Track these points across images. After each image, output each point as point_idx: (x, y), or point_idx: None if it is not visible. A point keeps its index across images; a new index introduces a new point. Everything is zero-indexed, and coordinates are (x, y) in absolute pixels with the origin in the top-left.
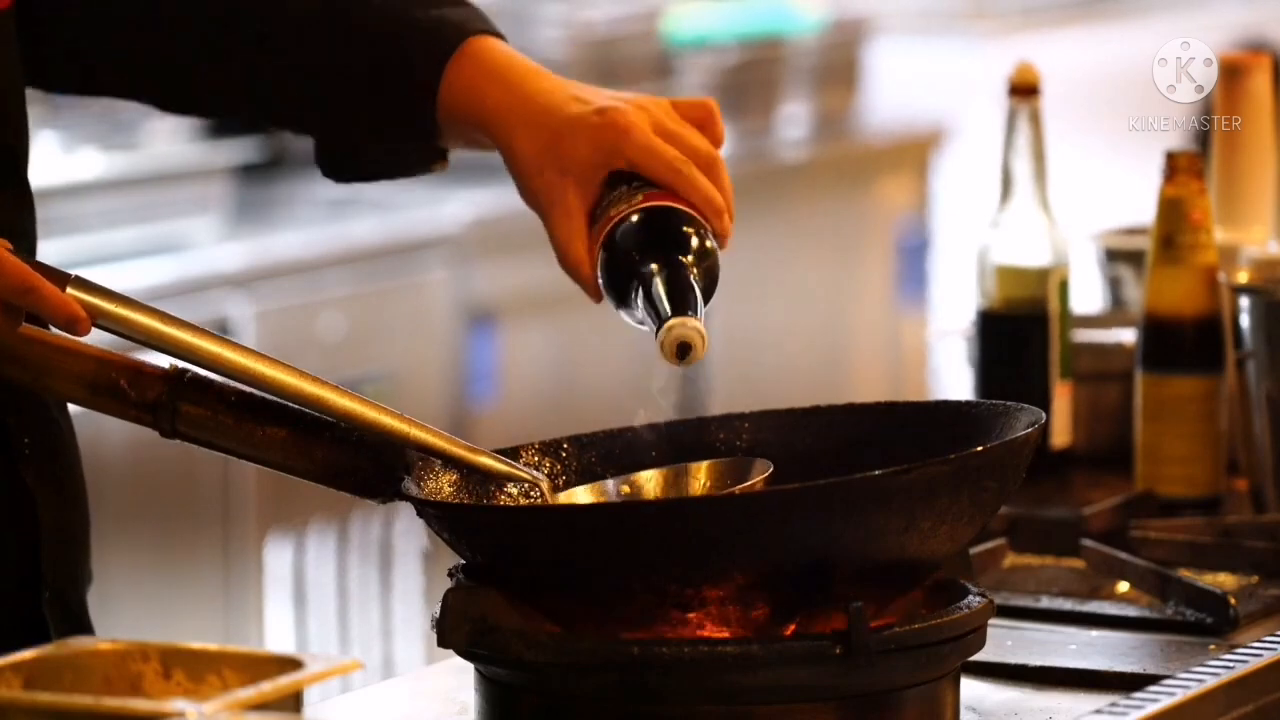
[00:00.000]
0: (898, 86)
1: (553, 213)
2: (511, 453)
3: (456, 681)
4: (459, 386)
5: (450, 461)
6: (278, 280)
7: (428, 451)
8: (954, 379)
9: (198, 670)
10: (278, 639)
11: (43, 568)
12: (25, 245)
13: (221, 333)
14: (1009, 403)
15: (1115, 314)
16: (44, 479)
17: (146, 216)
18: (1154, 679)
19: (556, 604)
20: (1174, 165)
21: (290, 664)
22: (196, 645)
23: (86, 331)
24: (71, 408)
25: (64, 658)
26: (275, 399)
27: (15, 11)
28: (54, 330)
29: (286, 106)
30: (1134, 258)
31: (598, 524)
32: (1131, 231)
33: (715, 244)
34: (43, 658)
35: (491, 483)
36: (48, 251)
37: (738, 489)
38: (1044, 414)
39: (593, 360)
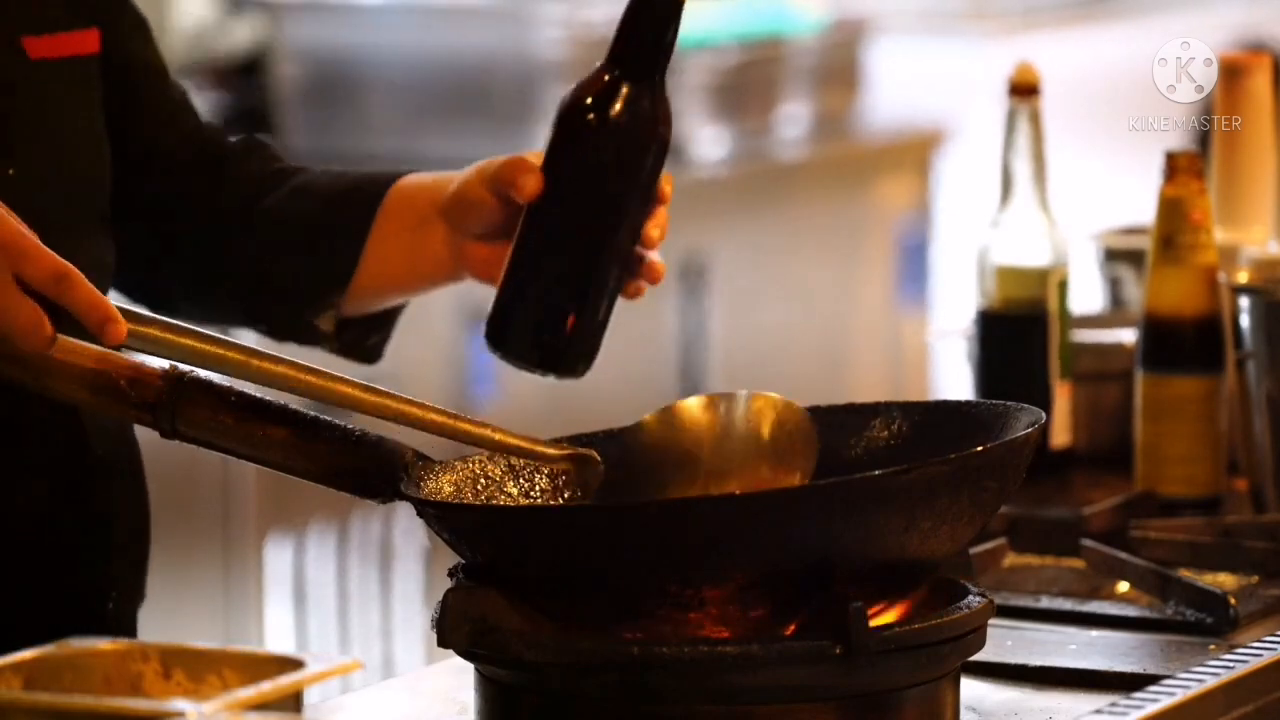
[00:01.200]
0: (898, 86)
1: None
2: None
3: (456, 681)
4: (459, 386)
5: (508, 452)
6: None
7: (484, 445)
8: (954, 379)
9: (198, 670)
10: (278, 639)
11: (107, 582)
12: (104, 276)
13: (223, 334)
14: (1009, 403)
15: (1115, 314)
16: (122, 496)
17: None
18: (1154, 679)
19: (556, 604)
20: (1174, 165)
21: (290, 664)
22: (196, 645)
23: (121, 337)
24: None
25: (64, 658)
26: (275, 401)
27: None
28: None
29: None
30: (1134, 258)
31: (598, 524)
32: (1131, 231)
33: None
34: (43, 658)
35: (546, 467)
36: None
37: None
38: (1044, 414)
39: None
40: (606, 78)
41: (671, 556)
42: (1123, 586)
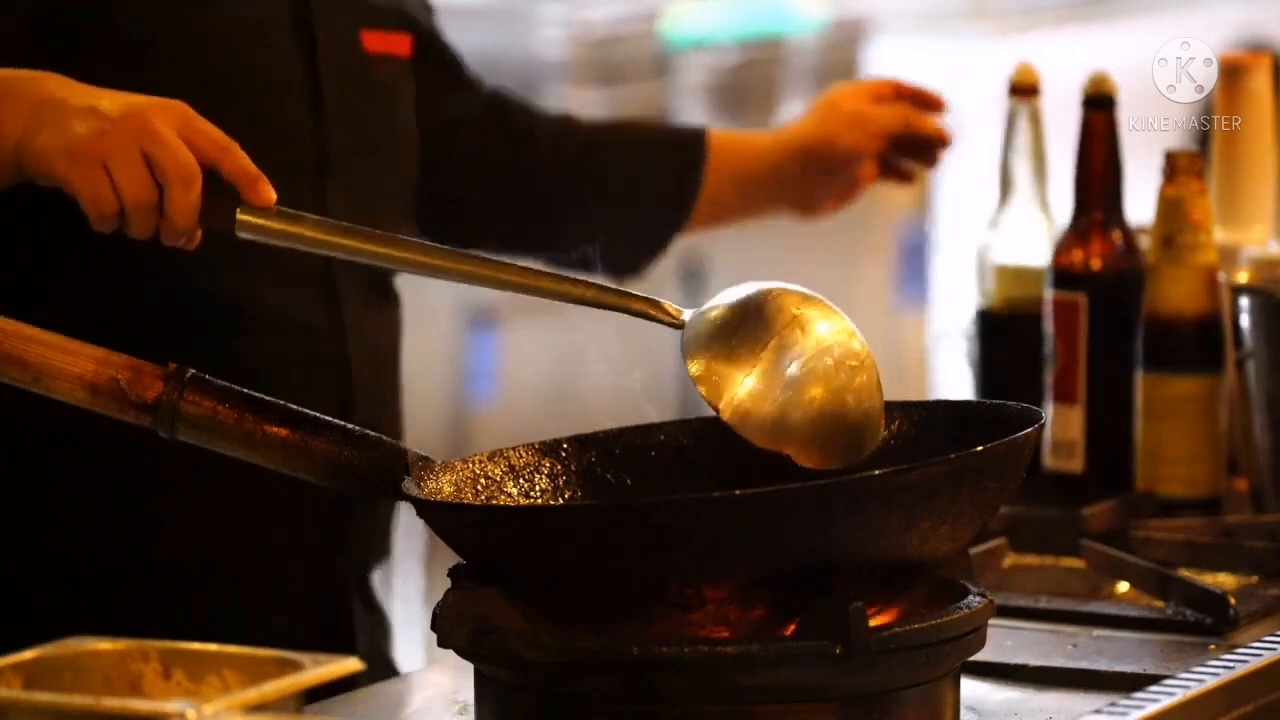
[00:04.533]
0: None
1: None
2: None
3: (456, 682)
4: (459, 386)
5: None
6: None
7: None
8: (954, 379)
9: (198, 670)
10: None
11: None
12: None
13: (355, 226)
14: (1009, 403)
15: None
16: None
17: None
18: (1154, 679)
19: (556, 604)
20: (1174, 165)
21: (290, 664)
22: (196, 645)
23: (270, 198)
24: None
25: (64, 658)
26: (275, 401)
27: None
28: (53, 335)
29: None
30: None
31: (598, 524)
32: None
33: None
34: (43, 658)
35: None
36: None
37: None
38: (1044, 414)
39: (593, 360)
40: (1101, 220)
41: (671, 556)
42: (1123, 586)
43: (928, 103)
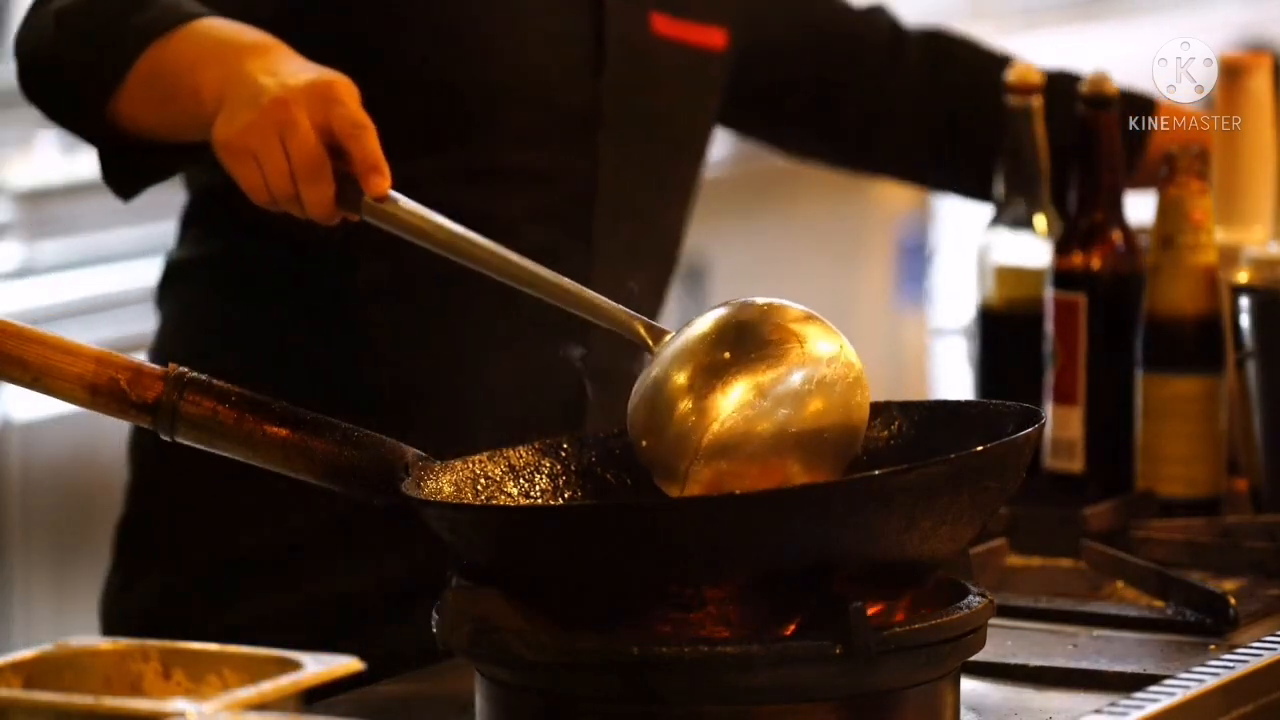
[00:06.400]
0: None
1: None
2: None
3: (456, 682)
4: None
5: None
6: None
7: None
8: (954, 379)
9: (198, 670)
10: None
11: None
12: (674, 246)
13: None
14: (1009, 403)
15: None
16: None
17: (146, 216)
18: (1154, 679)
19: (556, 604)
20: (1174, 165)
21: (290, 664)
22: (196, 645)
23: (383, 190)
24: None
25: (64, 658)
26: (275, 401)
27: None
28: (53, 335)
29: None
30: None
31: (598, 524)
32: None
33: None
34: (43, 658)
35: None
36: (48, 251)
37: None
38: (1044, 414)
39: None
40: (1102, 220)
41: (671, 556)
42: (1122, 586)
43: None
